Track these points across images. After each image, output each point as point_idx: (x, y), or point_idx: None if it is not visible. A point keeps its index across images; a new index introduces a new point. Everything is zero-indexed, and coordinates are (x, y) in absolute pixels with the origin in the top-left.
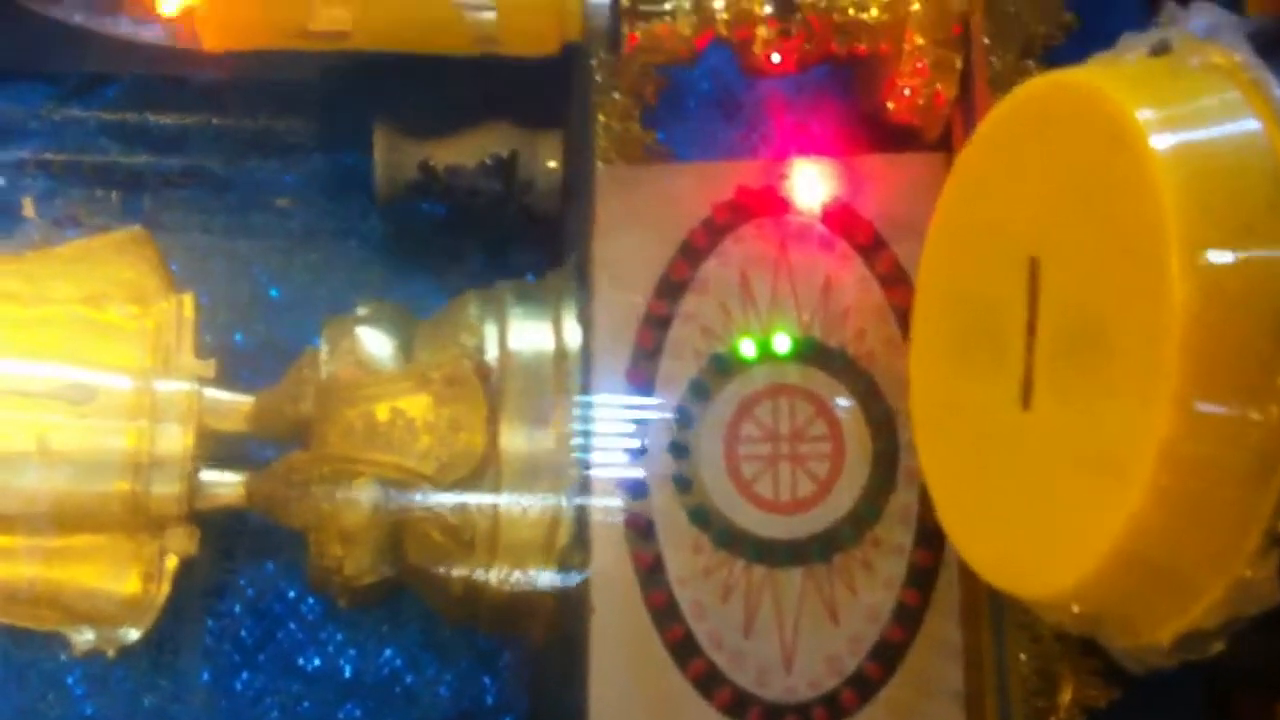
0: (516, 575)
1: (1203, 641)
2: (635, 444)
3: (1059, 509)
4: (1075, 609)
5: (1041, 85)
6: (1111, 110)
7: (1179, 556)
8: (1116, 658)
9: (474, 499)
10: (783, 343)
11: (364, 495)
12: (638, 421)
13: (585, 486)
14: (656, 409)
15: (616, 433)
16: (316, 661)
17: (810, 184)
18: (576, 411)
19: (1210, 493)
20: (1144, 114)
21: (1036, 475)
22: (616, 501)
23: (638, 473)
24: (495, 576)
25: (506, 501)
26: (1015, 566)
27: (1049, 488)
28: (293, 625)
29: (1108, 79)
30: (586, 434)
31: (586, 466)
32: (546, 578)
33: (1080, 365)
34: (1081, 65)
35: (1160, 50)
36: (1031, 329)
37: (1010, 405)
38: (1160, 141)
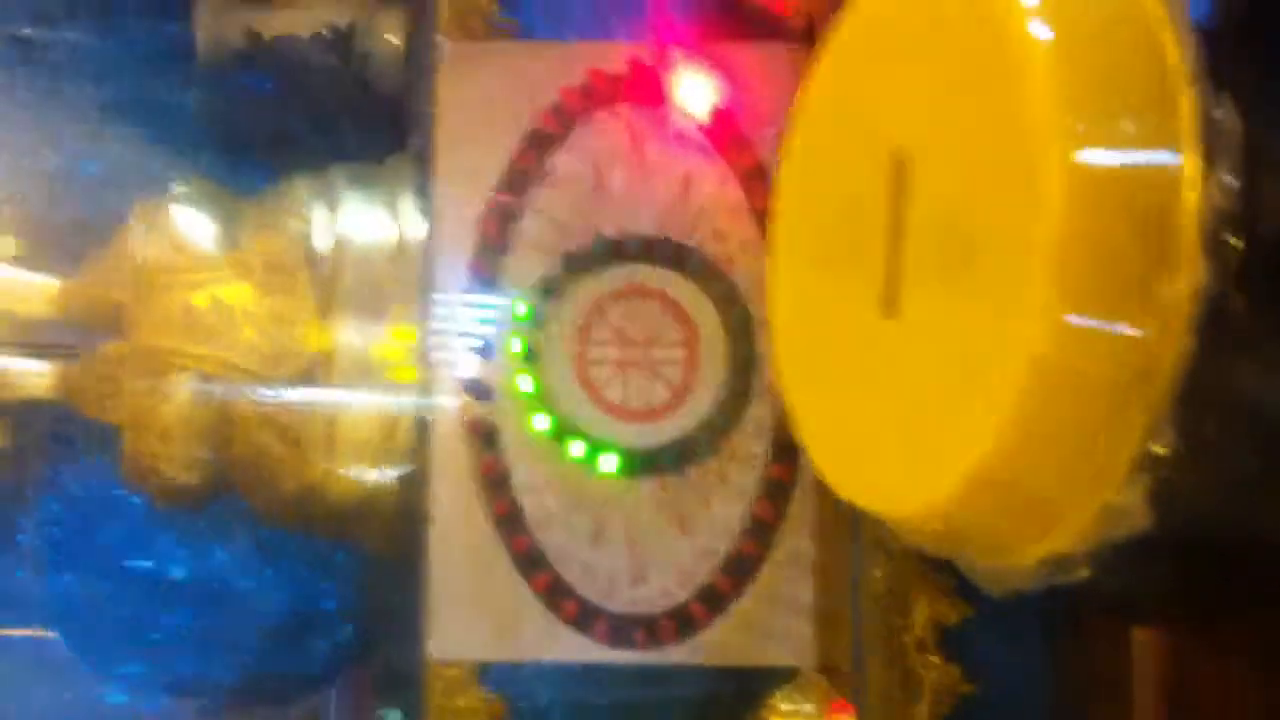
0: (351, 481)
1: (1068, 566)
2: (479, 346)
3: (921, 424)
4: (936, 529)
5: None
6: None
7: (1045, 478)
8: (977, 580)
9: (304, 397)
10: (637, 243)
11: (182, 390)
12: (482, 321)
13: (425, 388)
14: (502, 308)
15: (459, 332)
16: (142, 563)
17: (668, 71)
18: (416, 307)
19: (1079, 412)
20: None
21: (898, 388)
22: (459, 405)
23: (482, 376)
24: (327, 482)
25: (339, 401)
26: (874, 484)
27: (911, 402)
28: (117, 524)
29: None
30: (427, 333)
31: (427, 367)
32: (383, 484)
33: (946, 271)
34: None
35: None
36: (896, 231)
37: (872, 313)
38: (1037, 30)
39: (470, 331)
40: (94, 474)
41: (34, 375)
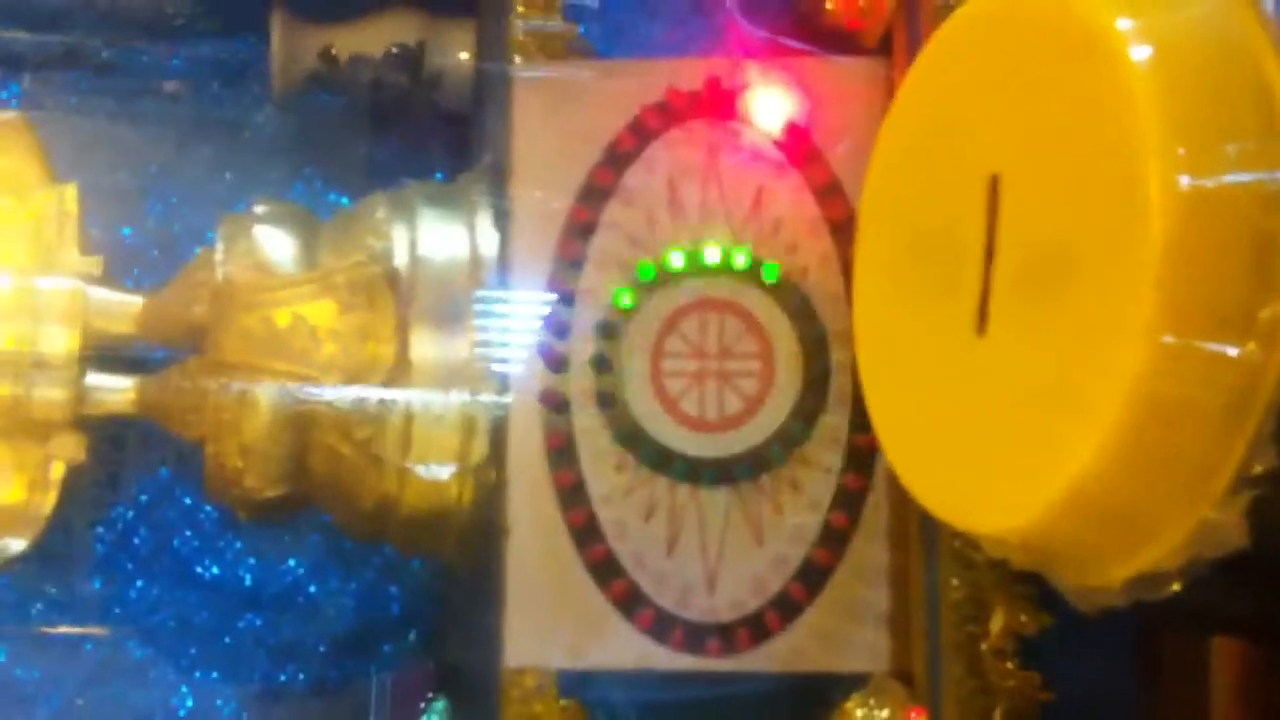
0: (428, 493)
1: (1159, 583)
2: (555, 358)
3: (1014, 443)
4: (1027, 546)
5: None
6: (1086, 19)
7: (1141, 497)
8: (1064, 594)
9: (383, 412)
10: (712, 255)
11: (263, 406)
12: (558, 334)
13: (502, 402)
14: (578, 321)
15: (535, 346)
16: (215, 570)
17: (743, 87)
18: (492, 322)
19: (1178, 432)
20: (1121, 23)
21: (990, 406)
22: (535, 418)
23: (558, 388)
24: (405, 494)
25: (417, 415)
26: (965, 501)
27: (1003, 420)
28: (189, 533)
29: None
30: (503, 347)
31: (503, 381)
32: (461, 496)
33: (1043, 292)
34: None
35: None
36: (989, 251)
37: (963, 332)
38: (1138, 53)
39: (546, 344)
40: (168, 484)
41: (117, 391)
